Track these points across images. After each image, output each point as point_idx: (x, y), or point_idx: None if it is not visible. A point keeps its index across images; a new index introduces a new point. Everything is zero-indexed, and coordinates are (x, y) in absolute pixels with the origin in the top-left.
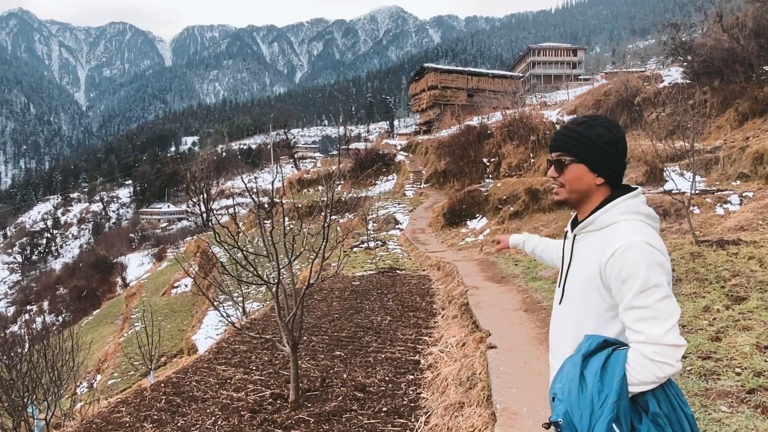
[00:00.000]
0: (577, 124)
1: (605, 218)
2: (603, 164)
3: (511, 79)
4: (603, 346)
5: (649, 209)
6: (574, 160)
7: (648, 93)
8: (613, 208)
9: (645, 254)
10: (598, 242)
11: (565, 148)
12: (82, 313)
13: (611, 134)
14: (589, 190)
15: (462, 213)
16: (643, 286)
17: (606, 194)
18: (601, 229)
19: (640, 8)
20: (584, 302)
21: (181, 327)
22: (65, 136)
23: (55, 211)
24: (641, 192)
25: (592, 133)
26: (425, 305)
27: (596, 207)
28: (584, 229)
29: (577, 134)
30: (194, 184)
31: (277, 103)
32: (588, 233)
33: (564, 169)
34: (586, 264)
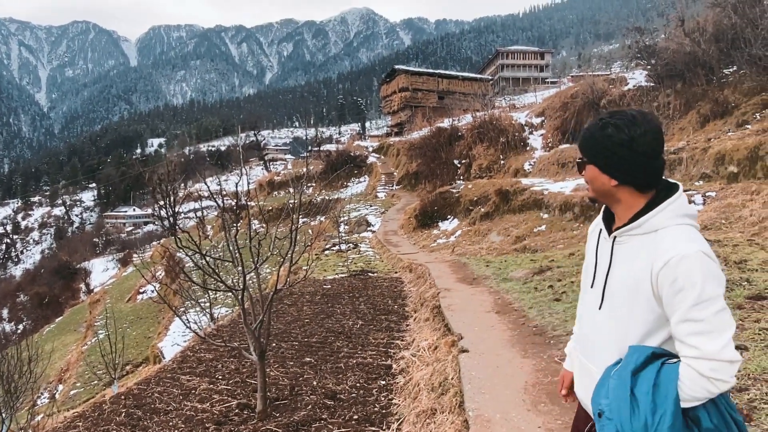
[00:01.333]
0: (595, 123)
1: (654, 222)
2: (613, 167)
3: (480, 82)
4: (652, 359)
5: (693, 209)
6: (587, 161)
7: (613, 95)
8: (663, 211)
9: (702, 264)
10: (647, 248)
11: (581, 149)
12: (44, 321)
13: (622, 134)
14: (608, 191)
15: (434, 214)
16: (698, 299)
17: (633, 194)
18: (648, 234)
19: (604, 13)
20: (631, 310)
21: (147, 334)
22: (25, 138)
23: (15, 216)
24: (682, 190)
25: (601, 133)
26: (397, 308)
27: (642, 209)
28: (629, 231)
29: (589, 135)
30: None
31: (247, 105)
32: (632, 236)
33: (581, 170)
34: (633, 270)
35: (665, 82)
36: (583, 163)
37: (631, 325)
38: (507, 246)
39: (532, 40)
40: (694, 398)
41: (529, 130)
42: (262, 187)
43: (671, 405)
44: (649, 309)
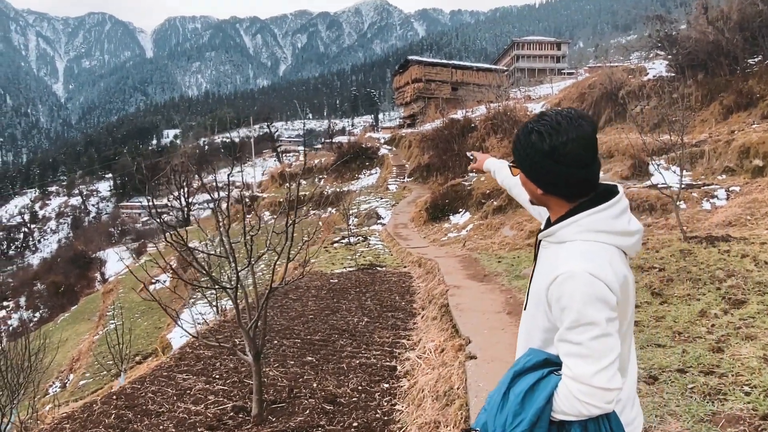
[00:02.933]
0: (524, 127)
1: (562, 233)
2: (537, 176)
3: (495, 73)
4: (542, 365)
5: (620, 224)
6: (515, 166)
7: (632, 86)
8: (573, 224)
9: (585, 286)
10: (551, 259)
11: (513, 151)
12: (59, 310)
13: (544, 143)
14: (538, 198)
15: (445, 207)
16: (576, 322)
17: (560, 203)
18: (558, 244)
19: (622, 4)
20: (535, 315)
21: (157, 324)
22: (43, 129)
23: (33, 205)
24: (618, 201)
25: (527, 140)
26: (405, 305)
27: (560, 217)
28: (546, 237)
29: (516, 139)
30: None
31: (261, 96)
32: (549, 243)
33: (515, 173)
34: (542, 277)
35: (687, 72)
36: (513, 167)
37: (533, 331)
38: (520, 241)
39: (549, 30)
40: (565, 413)
41: None
42: (275, 179)
43: (533, 412)
44: (545, 319)
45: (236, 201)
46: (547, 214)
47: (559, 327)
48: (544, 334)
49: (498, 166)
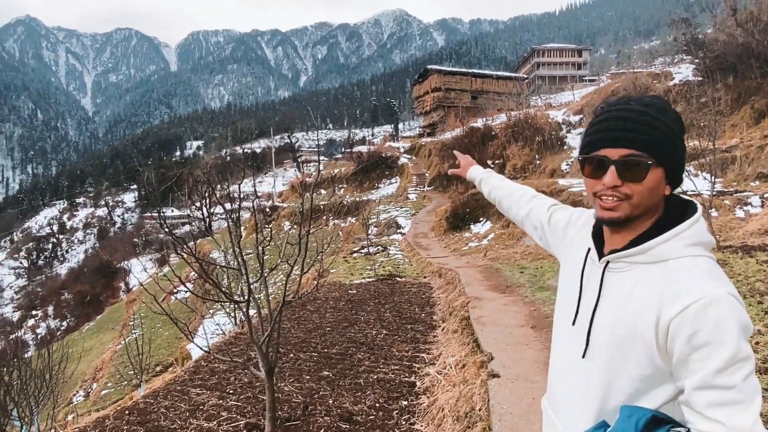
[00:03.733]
0: (647, 102)
1: (664, 250)
2: (677, 171)
3: (515, 81)
4: (652, 425)
5: (711, 237)
6: (655, 163)
7: (658, 91)
8: (677, 237)
9: (734, 313)
10: (651, 283)
11: (649, 145)
12: (85, 319)
13: (681, 123)
14: (657, 203)
15: (465, 217)
16: (731, 360)
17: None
18: (655, 264)
19: (644, 9)
20: (622, 361)
21: (178, 334)
22: (72, 142)
23: (61, 216)
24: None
25: (666, 120)
26: (424, 317)
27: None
28: (627, 258)
29: (662, 124)
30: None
31: (282, 107)
32: (632, 264)
33: (643, 175)
34: (630, 310)
35: (715, 75)
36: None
37: (618, 381)
38: (543, 250)
39: (569, 38)
40: None
41: (567, 128)
42: (295, 189)
43: None
44: (647, 363)
45: (256, 211)
46: (571, 236)
47: (683, 375)
48: (638, 384)
49: (485, 174)
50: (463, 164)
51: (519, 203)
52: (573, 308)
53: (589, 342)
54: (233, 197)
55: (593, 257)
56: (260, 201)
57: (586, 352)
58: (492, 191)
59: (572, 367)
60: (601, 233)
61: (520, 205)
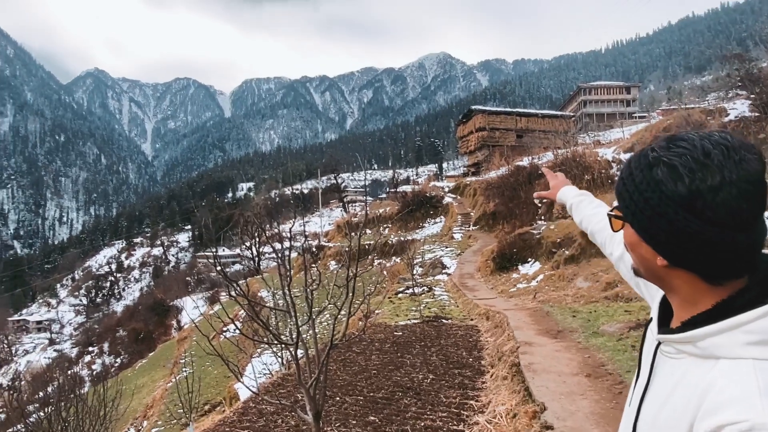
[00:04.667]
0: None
1: (716, 343)
2: (658, 237)
3: (561, 119)
4: None
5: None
6: (621, 218)
7: (712, 127)
8: (737, 329)
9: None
10: (696, 383)
11: (616, 194)
12: (138, 356)
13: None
14: (654, 271)
15: (513, 257)
16: None
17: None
18: (703, 359)
19: (695, 45)
20: None
21: (226, 373)
22: (132, 185)
23: (120, 256)
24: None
25: (647, 177)
26: (472, 361)
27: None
28: (676, 343)
29: (626, 173)
30: (246, 229)
31: (329, 149)
32: (682, 353)
33: (615, 226)
34: (671, 411)
35: None
36: (615, 218)
37: None
38: (596, 293)
39: (616, 75)
40: None
41: (617, 166)
42: (341, 228)
43: None
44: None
45: (303, 251)
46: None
47: None
48: None
49: (577, 199)
50: (552, 184)
51: (613, 240)
52: (633, 384)
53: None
54: (282, 237)
55: (653, 329)
56: (307, 240)
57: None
58: (583, 220)
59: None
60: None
61: (614, 243)
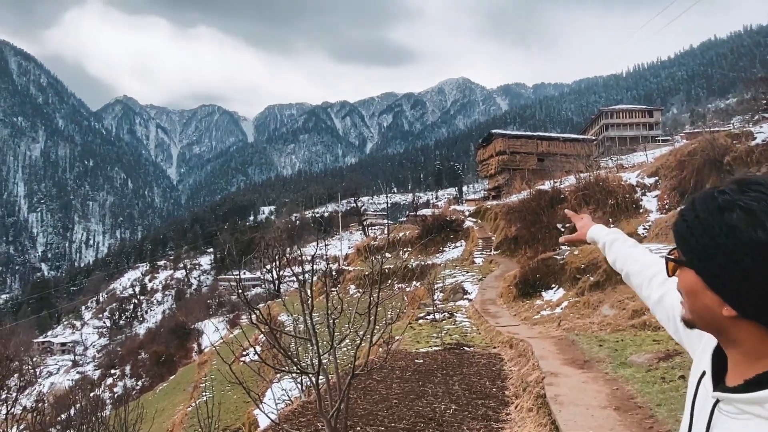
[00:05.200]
0: (709, 196)
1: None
2: (731, 284)
3: (583, 143)
4: None
5: None
6: (684, 261)
7: (738, 152)
8: None
9: None
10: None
11: (677, 238)
12: (159, 379)
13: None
14: (717, 322)
15: (536, 283)
16: None
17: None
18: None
19: (717, 68)
20: None
21: (246, 398)
22: (157, 208)
23: (143, 278)
24: None
25: (718, 219)
26: (496, 391)
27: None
28: (739, 403)
29: (694, 219)
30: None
31: (349, 173)
32: (744, 410)
33: (670, 270)
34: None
35: None
36: (676, 262)
37: None
38: (623, 321)
39: (638, 98)
40: None
41: (642, 191)
42: (360, 252)
43: None
44: None
45: (324, 275)
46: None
47: None
48: None
49: (610, 237)
50: (579, 225)
51: (651, 283)
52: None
53: None
54: (303, 260)
55: (707, 385)
56: (328, 264)
57: None
58: (617, 261)
59: None
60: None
61: (652, 286)
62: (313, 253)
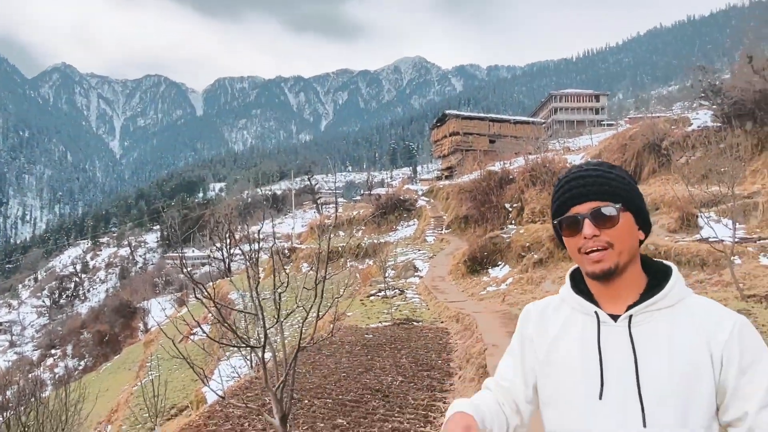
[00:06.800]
0: (596, 163)
1: (677, 292)
2: (642, 216)
3: (533, 125)
4: None
5: None
6: (623, 207)
7: (676, 137)
8: (679, 280)
9: (757, 332)
10: (686, 321)
11: (611, 193)
12: (103, 359)
13: (629, 175)
14: (634, 251)
15: (483, 260)
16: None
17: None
18: (675, 305)
19: (662, 56)
20: (688, 415)
21: (194, 377)
22: (99, 183)
23: (85, 256)
24: None
25: (629, 176)
26: (441, 363)
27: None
28: (652, 306)
29: (617, 176)
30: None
31: (303, 150)
32: (654, 312)
33: (616, 220)
34: (681, 353)
35: (734, 121)
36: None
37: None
38: None
39: (587, 83)
40: None
41: None
42: (314, 230)
43: None
44: (709, 405)
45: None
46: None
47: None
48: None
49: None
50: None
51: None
52: (594, 382)
53: (644, 407)
54: (253, 239)
55: (606, 320)
56: (279, 242)
57: (645, 419)
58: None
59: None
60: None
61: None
62: (260, 229)
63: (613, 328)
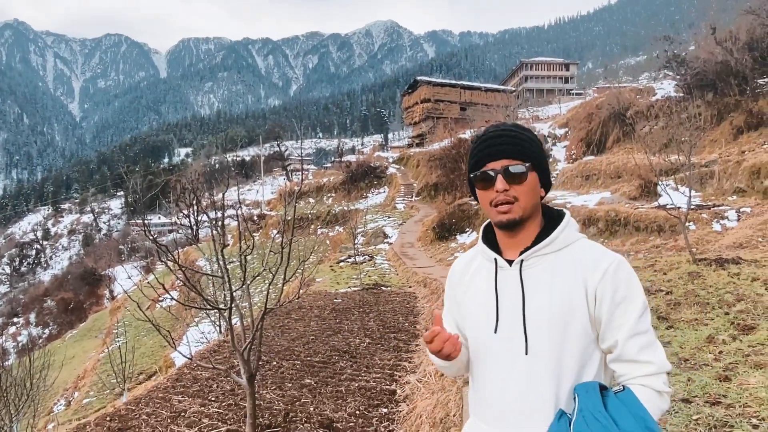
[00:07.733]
0: (521, 127)
1: (567, 236)
2: (546, 174)
3: (503, 93)
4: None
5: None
6: (531, 167)
7: (640, 106)
8: (568, 226)
9: (633, 271)
10: (567, 263)
11: (523, 153)
12: (68, 326)
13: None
14: (536, 207)
15: (452, 227)
16: (643, 307)
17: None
18: (560, 250)
19: (631, 25)
20: (566, 342)
21: (163, 342)
22: (58, 147)
23: (46, 222)
24: None
25: (535, 136)
26: (408, 326)
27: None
28: (540, 251)
29: (526, 136)
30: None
31: (272, 116)
32: (542, 257)
33: (524, 177)
34: (560, 291)
35: (695, 92)
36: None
37: (565, 363)
38: None
39: (558, 51)
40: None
41: (552, 141)
42: (283, 197)
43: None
44: (584, 335)
45: (244, 219)
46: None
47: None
48: (581, 360)
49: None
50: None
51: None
52: (491, 318)
53: (528, 339)
54: (219, 205)
55: (503, 265)
56: (248, 209)
57: (527, 348)
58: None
59: (511, 372)
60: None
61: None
62: (225, 193)
63: (509, 272)
